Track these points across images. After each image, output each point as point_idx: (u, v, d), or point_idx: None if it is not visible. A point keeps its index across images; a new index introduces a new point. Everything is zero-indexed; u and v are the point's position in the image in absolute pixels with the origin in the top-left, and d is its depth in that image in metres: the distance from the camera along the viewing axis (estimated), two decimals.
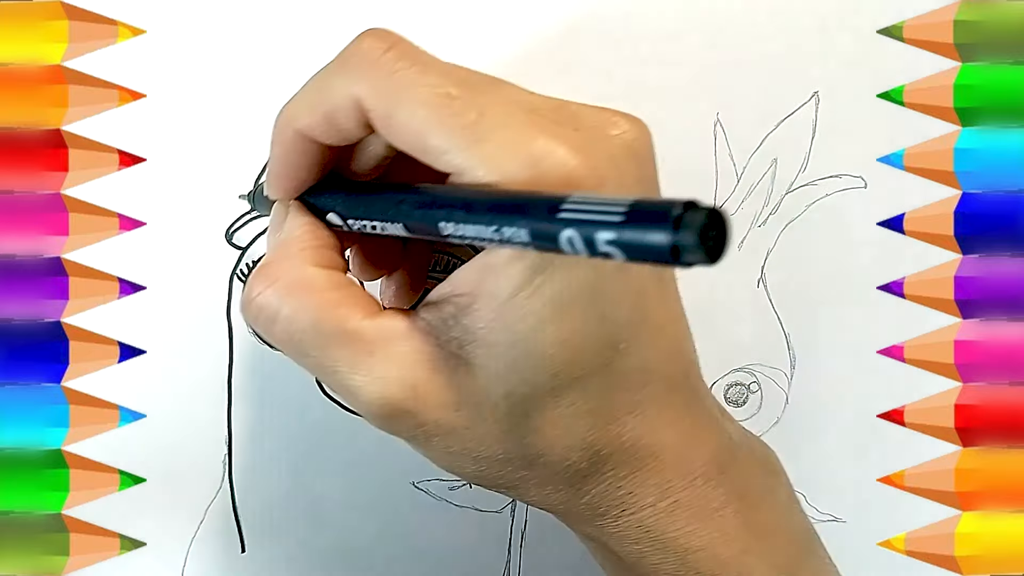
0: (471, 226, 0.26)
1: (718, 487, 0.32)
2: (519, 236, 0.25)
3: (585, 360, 0.29)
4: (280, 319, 0.30)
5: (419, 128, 0.28)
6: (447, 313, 0.29)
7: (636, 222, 0.22)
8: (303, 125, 0.31)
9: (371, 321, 0.30)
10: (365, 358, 0.29)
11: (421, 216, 0.28)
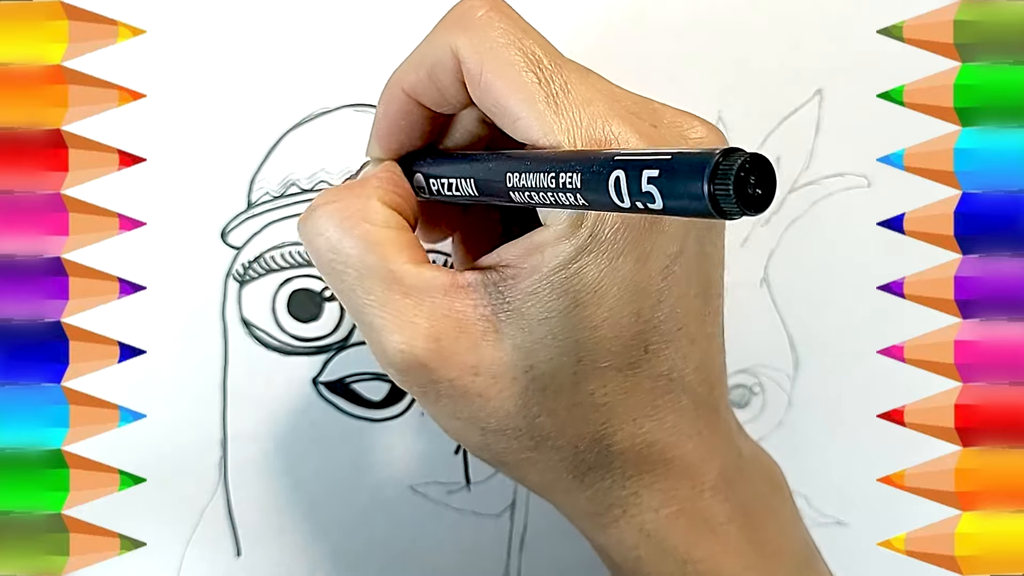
0: (532, 176, 0.27)
1: (725, 501, 0.32)
2: (572, 181, 0.25)
3: (612, 352, 0.30)
4: (328, 236, 0.30)
5: (504, 88, 0.29)
6: (490, 280, 0.30)
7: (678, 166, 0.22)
8: (409, 84, 0.31)
9: (415, 268, 0.30)
10: (399, 299, 0.29)
11: (491, 169, 0.29)
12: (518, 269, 0.29)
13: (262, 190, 0.42)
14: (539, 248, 0.29)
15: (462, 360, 0.30)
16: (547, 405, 0.30)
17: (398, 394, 0.43)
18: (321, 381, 0.42)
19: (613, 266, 0.28)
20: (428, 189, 0.33)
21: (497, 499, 0.44)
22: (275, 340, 0.42)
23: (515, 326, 0.29)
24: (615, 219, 0.28)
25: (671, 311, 0.30)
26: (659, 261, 0.29)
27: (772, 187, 0.21)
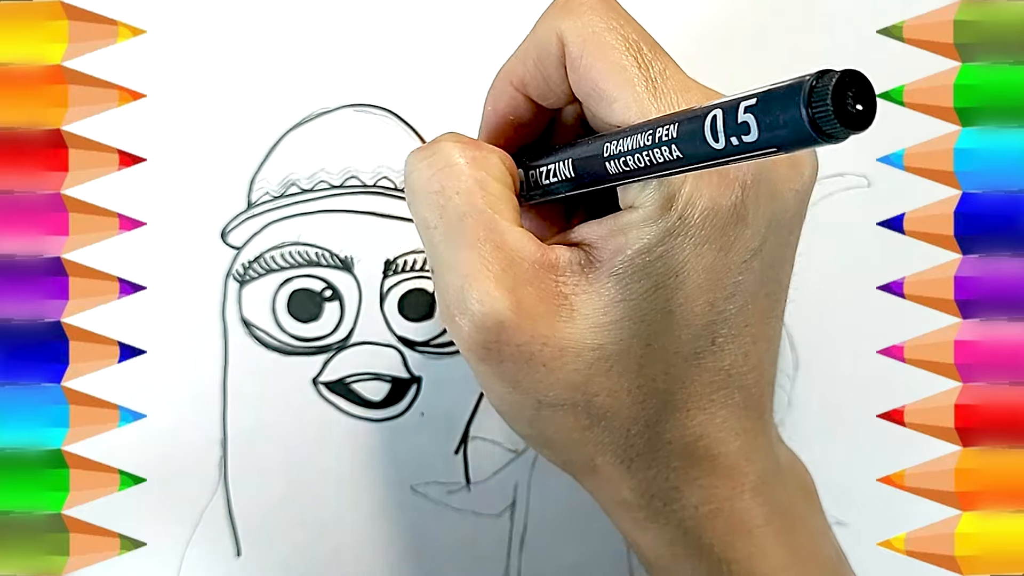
0: (628, 139, 0.27)
1: (764, 504, 0.32)
2: (668, 134, 0.25)
3: (681, 339, 0.30)
4: (442, 171, 0.30)
5: (603, 73, 0.29)
6: (574, 258, 0.30)
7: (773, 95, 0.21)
8: (517, 76, 0.32)
9: (515, 229, 0.30)
10: (491, 251, 0.29)
11: (590, 146, 0.29)
12: (601, 249, 0.29)
13: (262, 190, 0.42)
14: (624, 229, 0.29)
15: (535, 328, 0.29)
16: (608, 384, 0.30)
17: (398, 394, 0.43)
18: (321, 381, 0.42)
19: (697, 252, 0.29)
20: (527, 183, 0.33)
21: (497, 499, 0.44)
22: (275, 340, 0.42)
23: (591, 305, 0.29)
24: (705, 204, 0.28)
25: (743, 306, 0.30)
26: (740, 254, 0.29)
27: (872, 102, 0.20)
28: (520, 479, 0.44)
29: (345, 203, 0.42)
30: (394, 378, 0.43)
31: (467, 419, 0.43)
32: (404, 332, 0.42)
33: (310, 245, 0.42)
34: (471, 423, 0.43)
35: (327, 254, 0.42)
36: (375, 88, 0.42)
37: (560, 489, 0.44)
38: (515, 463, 0.44)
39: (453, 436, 0.43)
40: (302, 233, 0.42)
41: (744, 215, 0.29)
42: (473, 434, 0.43)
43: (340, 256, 0.42)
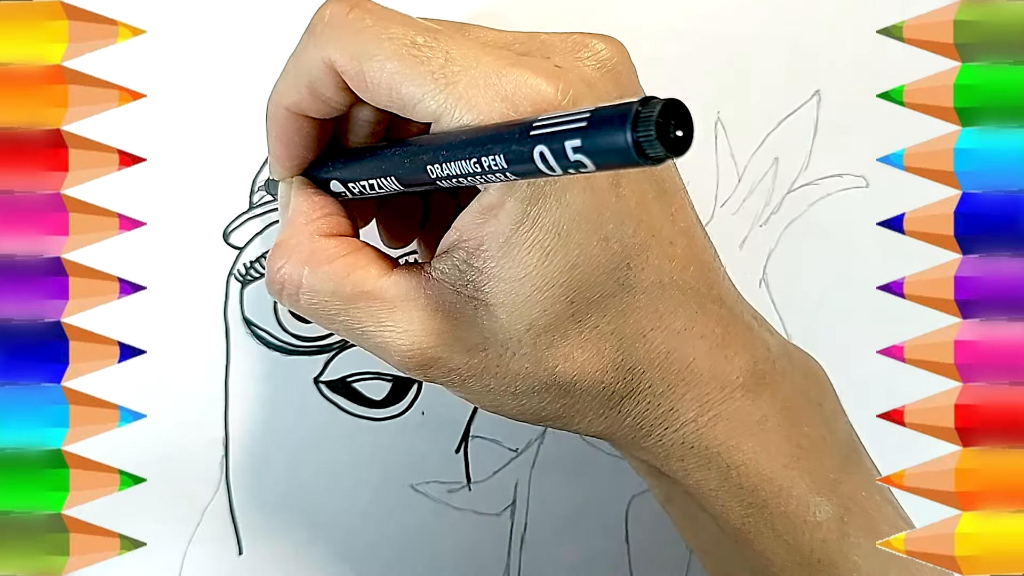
0: (453, 164, 0.27)
1: (758, 399, 0.32)
2: (497, 163, 0.25)
3: (598, 282, 0.30)
4: (303, 291, 0.31)
5: (390, 81, 0.29)
6: (458, 259, 0.30)
7: (599, 126, 0.22)
8: (291, 103, 0.32)
9: (387, 279, 0.31)
10: (388, 314, 0.31)
11: (409, 165, 0.29)
12: (479, 239, 0.29)
13: (263, 190, 0.42)
14: (490, 211, 0.29)
15: (466, 341, 0.30)
16: (560, 352, 0.30)
17: (399, 393, 0.43)
18: (322, 380, 0.42)
19: (564, 203, 0.29)
20: (348, 191, 0.33)
21: (497, 498, 0.44)
22: (277, 340, 0.42)
23: (500, 293, 0.30)
24: None
25: (636, 222, 0.30)
26: (603, 181, 0.30)
27: (690, 128, 0.21)
28: (520, 478, 0.44)
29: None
30: (395, 377, 0.43)
31: (468, 418, 0.43)
32: None
33: None
34: (472, 422, 0.43)
35: None
36: None
37: (560, 488, 0.44)
38: (515, 462, 0.44)
39: (454, 435, 0.43)
40: None
41: None
42: (474, 433, 0.43)
43: None
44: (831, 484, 0.33)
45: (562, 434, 0.44)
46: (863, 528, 0.34)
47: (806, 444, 0.33)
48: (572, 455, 0.44)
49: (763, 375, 0.33)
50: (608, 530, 0.44)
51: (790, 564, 0.33)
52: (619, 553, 0.44)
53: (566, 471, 0.44)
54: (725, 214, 0.43)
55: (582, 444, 0.44)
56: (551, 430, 0.44)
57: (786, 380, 0.33)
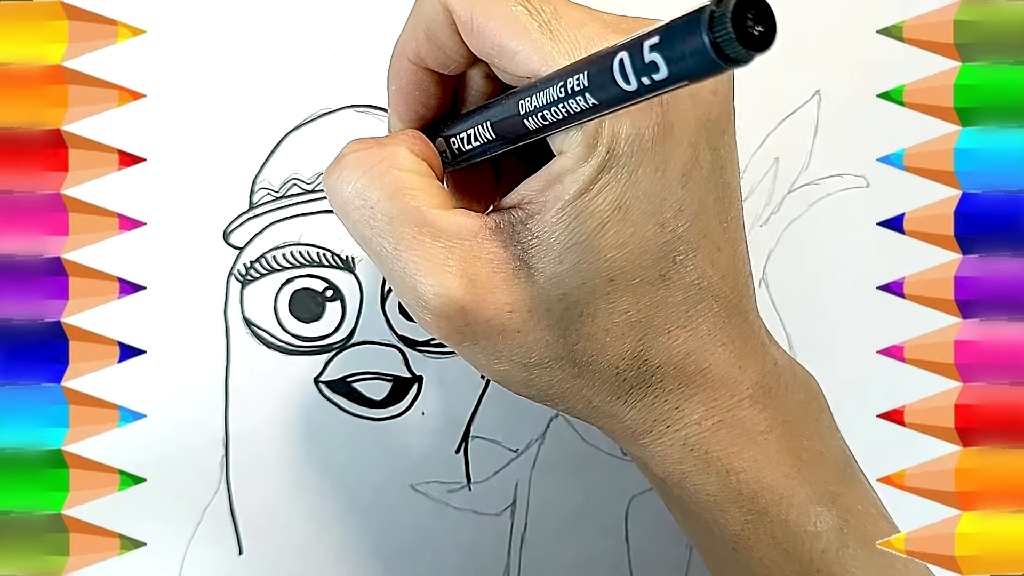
0: (541, 93, 0.27)
1: (764, 410, 0.32)
2: (579, 81, 0.25)
3: (642, 266, 0.30)
4: (357, 183, 0.30)
5: (497, 29, 0.29)
6: (515, 218, 0.30)
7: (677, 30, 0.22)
8: (412, 52, 0.32)
9: (445, 212, 0.30)
10: (430, 243, 0.30)
11: (504, 107, 0.29)
12: (541, 203, 0.29)
13: (264, 190, 0.42)
14: (558, 177, 0.29)
15: (497, 298, 0.30)
16: (584, 330, 0.30)
17: (399, 393, 0.43)
18: (323, 380, 0.42)
19: (633, 179, 0.29)
20: (451, 154, 0.33)
21: (498, 498, 0.44)
22: (277, 340, 0.42)
23: (545, 258, 0.29)
24: (628, 131, 0.28)
25: (694, 218, 0.30)
26: (676, 169, 0.29)
27: (772, 22, 0.21)
28: (520, 478, 0.44)
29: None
30: (395, 377, 0.43)
31: (468, 418, 0.43)
32: (405, 332, 0.43)
33: (312, 245, 0.42)
34: (472, 422, 0.43)
35: (329, 254, 0.42)
36: (376, 89, 0.42)
37: (560, 488, 0.44)
38: (515, 462, 0.44)
39: (454, 435, 0.43)
40: (304, 233, 0.42)
41: (670, 131, 0.29)
42: (474, 433, 0.43)
43: (341, 256, 0.42)
44: (830, 495, 0.33)
45: (563, 435, 0.44)
46: (861, 540, 0.34)
47: (806, 456, 0.33)
48: (572, 455, 0.44)
49: (769, 389, 0.33)
50: (608, 530, 0.44)
51: (789, 573, 0.33)
52: (619, 553, 0.44)
53: (566, 471, 0.44)
54: None
55: (582, 444, 0.44)
56: (551, 430, 0.44)
57: (789, 395, 0.34)
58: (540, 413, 0.44)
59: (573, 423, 0.44)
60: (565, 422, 0.44)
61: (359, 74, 0.42)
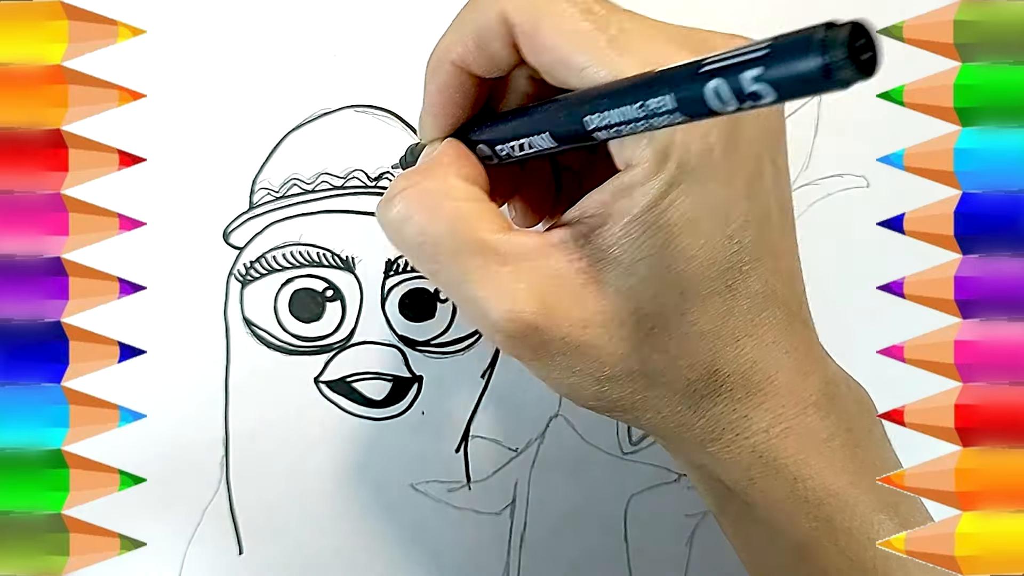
0: (616, 111, 0.26)
1: (827, 418, 0.33)
2: (664, 104, 0.25)
3: (711, 278, 0.30)
4: (415, 221, 0.30)
5: (563, 42, 0.29)
6: (580, 232, 0.30)
7: (782, 55, 0.22)
8: (457, 55, 0.31)
9: (506, 235, 0.30)
10: (497, 269, 0.29)
11: (566, 116, 0.29)
12: (607, 216, 0.29)
13: (264, 190, 0.42)
14: (627, 190, 0.29)
15: (570, 315, 0.30)
16: (657, 342, 0.30)
17: (399, 393, 0.43)
18: (323, 380, 0.42)
19: (703, 193, 0.29)
20: (496, 155, 0.32)
21: (497, 497, 0.44)
22: (277, 340, 0.42)
23: (614, 272, 0.29)
24: (699, 146, 0.28)
25: (758, 229, 0.30)
26: (743, 181, 0.30)
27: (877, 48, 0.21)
28: (520, 477, 0.44)
29: (347, 203, 0.42)
30: (395, 377, 0.43)
31: (468, 418, 0.43)
32: (405, 332, 0.43)
33: (312, 245, 0.42)
34: (471, 422, 0.43)
35: (329, 254, 0.42)
36: (376, 89, 0.42)
37: (560, 488, 0.44)
38: (515, 462, 0.44)
39: (454, 435, 0.43)
40: (304, 233, 0.42)
41: (736, 144, 0.29)
42: (473, 433, 0.44)
43: (342, 256, 0.42)
44: (892, 505, 0.34)
45: (562, 434, 0.44)
46: None
47: (866, 465, 0.33)
48: (572, 455, 0.44)
49: (832, 397, 0.33)
50: (607, 529, 0.44)
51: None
52: (618, 552, 0.44)
53: (565, 471, 0.44)
54: None
55: (582, 444, 0.44)
56: (551, 430, 0.44)
57: (848, 404, 0.34)
58: (539, 413, 0.44)
59: (573, 423, 0.44)
60: (564, 422, 0.44)
61: (359, 74, 0.42)
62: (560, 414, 0.44)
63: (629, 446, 0.44)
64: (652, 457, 0.44)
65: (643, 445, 0.44)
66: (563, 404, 0.44)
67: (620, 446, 0.44)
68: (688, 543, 0.45)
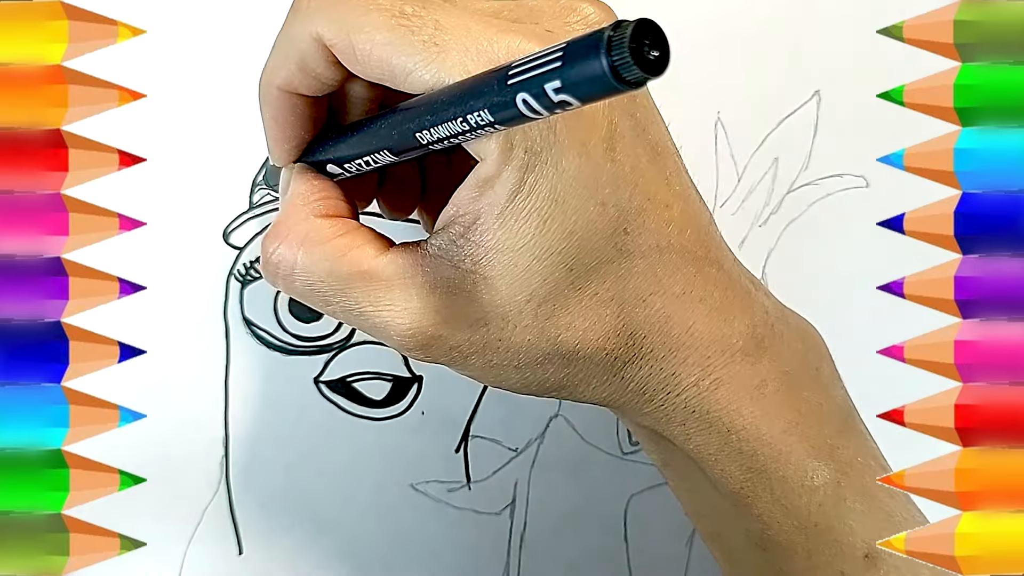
0: (441, 127, 0.27)
1: (757, 363, 0.32)
2: (483, 117, 0.25)
3: (596, 248, 0.30)
4: (297, 273, 0.31)
5: (381, 53, 0.28)
6: (455, 234, 0.30)
7: (573, 59, 0.22)
8: (282, 81, 0.31)
9: (384, 257, 0.30)
10: (385, 293, 0.30)
11: (398, 136, 0.29)
12: (476, 213, 0.29)
13: (264, 190, 0.42)
14: (486, 183, 0.29)
15: (467, 317, 0.30)
16: (561, 322, 0.30)
17: (399, 393, 0.43)
18: (322, 380, 0.42)
19: (559, 169, 0.29)
20: (346, 172, 0.33)
21: (497, 497, 0.44)
22: (277, 340, 0.42)
23: (499, 265, 0.29)
24: (540, 126, 0.28)
25: (632, 186, 0.30)
26: (597, 146, 0.29)
27: (666, 47, 0.21)
28: (520, 477, 0.44)
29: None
30: (395, 377, 0.43)
31: (467, 418, 0.43)
32: None
33: None
34: (471, 422, 0.43)
35: None
36: None
37: (560, 488, 0.44)
38: (515, 461, 0.44)
39: (453, 435, 0.43)
40: None
41: (579, 113, 0.29)
42: (473, 433, 0.44)
43: None
44: (828, 449, 0.33)
45: (562, 434, 0.44)
46: (859, 493, 0.34)
47: (804, 409, 0.33)
48: (571, 455, 0.44)
49: (762, 339, 0.33)
50: (607, 529, 0.44)
51: (787, 528, 0.33)
52: (618, 552, 0.44)
53: (565, 471, 0.44)
54: (725, 214, 0.43)
55: (581, 444, 0.44)
56: (550, 430, 0.44)
57: (784, 345, 0.34)
58: (539, 412, 0.44)
59: (573, 423, 0.44)
60: (564, 422, 0.44)
61: None
62: (560, 414, 0.44)
63: (629, 446, 0.44)
64: None
65: None
66: (563, 404, 0.44)
67: (620, 446, 0.44)
68: (688, 543, 0.45)
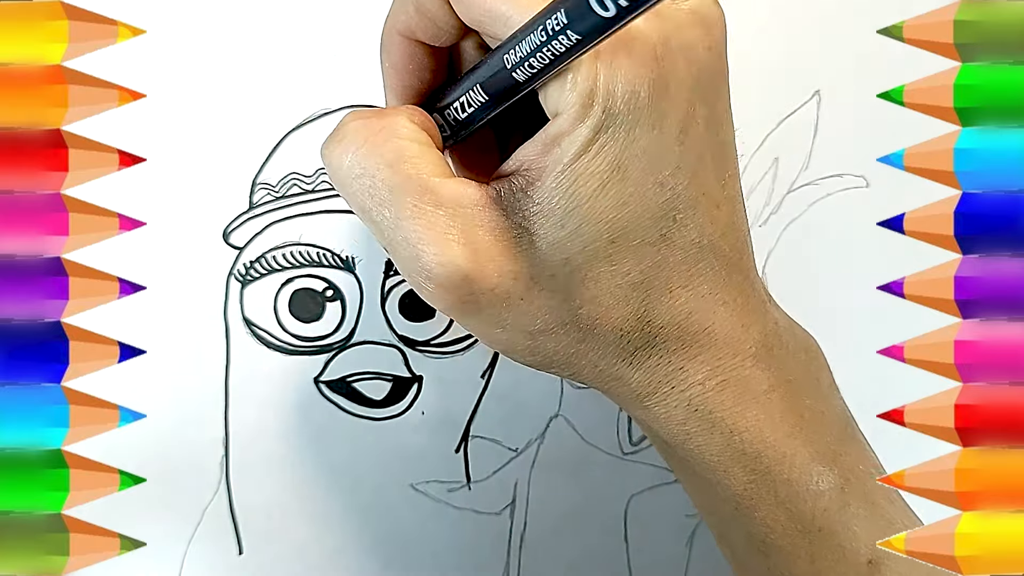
0: (525, 42, 0.27)
1: (766, 370, 0.33)
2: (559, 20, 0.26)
3: (643, 226, 0.30)
4: (357, 154, 0.30)
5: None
6: (516, 186, 0.30)
7: None
8: (402, 25, 0.32)
9: (445, 180, 0.30)
10: (432, 211, 0.29)
11: (488, 66, 0.29)
12: (539, 168, 0.29)
13: (264, 190, 0.42)
14: (556, 140, 0.29)
15: (500, 267, 0.30)
16: (588, 294, 0.30)
17: (399, 393, 0.43)
18: (323, 380, 0.42)
19: (631, 138, 0.29)
20: (448, 125, 0.33)
21: (497, 497, 0.44)
22: (277, 340, 0.42)
23: (547, 224, 0.29)
24: (624, 89, 0.28)
25: (692, 176, 0.30)
26: (673, 126, 0.29)
27: None
28: (520, 477, 0.44)
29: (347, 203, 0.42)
30: (395, 377, 0.43)
31: (467, 418, 0.43)
32: (405, 332, 0.43)
33: (312, 245, 0.42)
34: (471, 422, 0.43)
35: (329, 254, 0.42)
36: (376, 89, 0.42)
37: (560, 488, 0.44)
38: (515, 462, 0.44)
39: (454, 435, 0.43)
40: (304, 233, 0.42)
41: (665, 88, 0.29)
42: (473, 433, 0.44)
43: (341, 256, 0.42)
44: (832, 455, 0.33)
45: (562, 434, 0.44)
46: (862, 499, 0.34)
47: (808, 416, 0.33)
48: (572, 455, 0.44)
49: (771, 348, 0.33)
50: (607, 529, 0.44)
51: (791, 532, 0.33)
52: (618, 552, 0.44)
53: (565, 471, 0.44)
54: None
55: (582, 444, 0.44)
56: (551, 430, 0.44)
57: (790, 355, 0.34)
58: (539, 413, 0.44)
59: (573, 423, 0.44)
60: (565, 422, 0.44)
61: (359, 74, 0.42)
62: (560, 414, 0.44)
63: (629, 446, 0.44)
64: (652, 457, 0.44)
65: (643, 445, 0.44)
66: (563, 404, 0.44)
67: (620, 446, 0.44)
68: (688, 543, 0.45)
